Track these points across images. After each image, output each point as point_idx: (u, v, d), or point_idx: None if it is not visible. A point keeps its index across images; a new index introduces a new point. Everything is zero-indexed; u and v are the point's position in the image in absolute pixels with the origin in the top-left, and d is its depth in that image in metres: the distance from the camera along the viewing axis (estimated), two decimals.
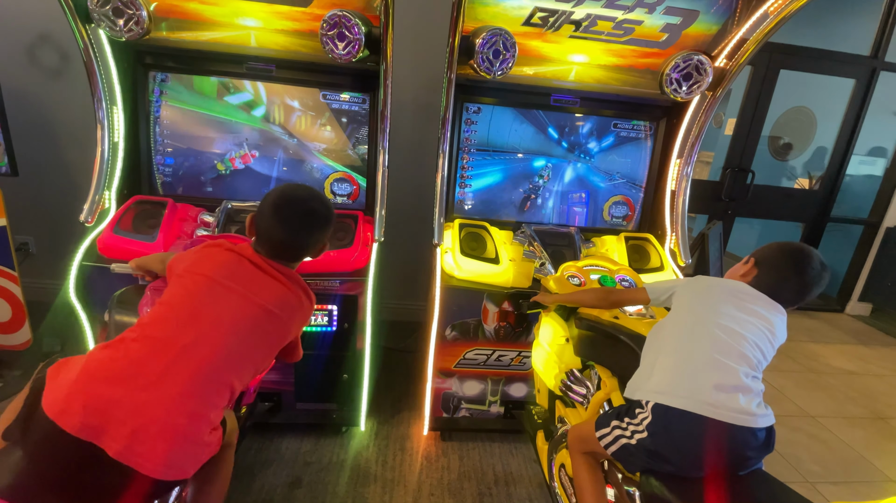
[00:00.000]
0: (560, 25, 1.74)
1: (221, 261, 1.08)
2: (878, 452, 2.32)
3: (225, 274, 1.05)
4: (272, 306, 1.07)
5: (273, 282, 1.09)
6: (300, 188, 1.18)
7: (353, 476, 1.81)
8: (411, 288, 2.95)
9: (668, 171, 2.10)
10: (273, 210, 1.11)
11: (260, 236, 1.14)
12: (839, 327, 3.96)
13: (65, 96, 2.52)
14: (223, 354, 0.97)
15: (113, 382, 0.87)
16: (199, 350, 0.94)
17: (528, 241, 1.97)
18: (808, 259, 1.18)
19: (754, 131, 3.75)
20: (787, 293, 1.19)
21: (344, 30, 1.61)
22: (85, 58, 1.68)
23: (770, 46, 3.41)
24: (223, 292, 1.03)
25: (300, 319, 1.18)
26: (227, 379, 0.98)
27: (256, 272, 1.08)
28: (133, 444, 0.84)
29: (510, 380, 2.00)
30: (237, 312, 1.02)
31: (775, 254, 1.23)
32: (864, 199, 4.24)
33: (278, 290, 1.09)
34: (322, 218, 1.17)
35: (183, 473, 0.91)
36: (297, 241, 1.14)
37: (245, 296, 1.04)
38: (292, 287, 1.13)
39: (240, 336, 1.01)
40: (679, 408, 1.04)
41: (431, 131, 2.00)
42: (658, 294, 1.34)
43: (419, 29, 2.48)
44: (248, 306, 1.03)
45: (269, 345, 1.10)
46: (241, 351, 1.01)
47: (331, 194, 2.04)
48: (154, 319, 0.98)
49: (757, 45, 1.76)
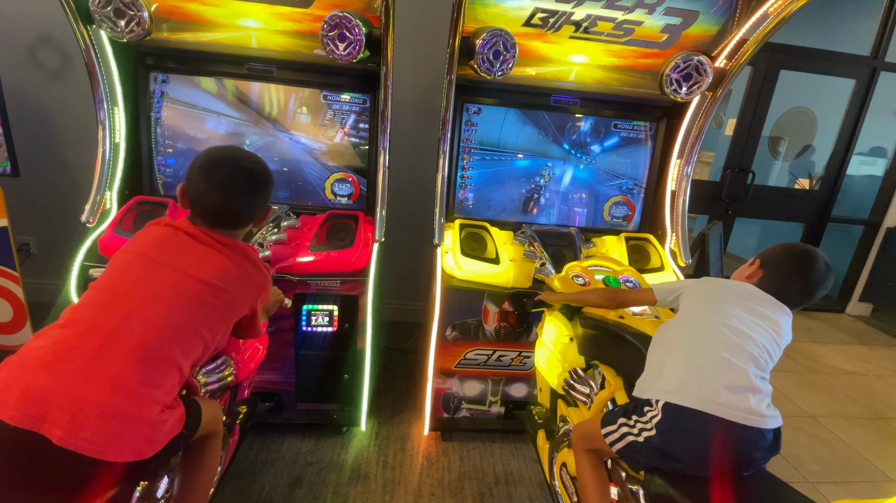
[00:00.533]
0: (560, 26, 1.74)
1: (153, 238, 1.03)
2: (879, 452, 2.32)
3: (156, 249, 1.00)
4: (213, 278, 1.01)
5: (213, 254, 1.03)
6: (228, 148, 1.12)
7: (354, 476, 1.81)
8: (412, 288, 2.95)
9: (669, 172, 2.10)
10: (202, 174, 1.04)
11: (193, 206, 1.06)
12: (840, 327, 3.96)
13: (66, 97, 2.52)
14: (160, 331, 0.93)
15: (45, 369, 0.85)
16: (131, 328, 0.91)
17: (529, 241, 1.98)
18: (813, 260, 1.18)
19: (754, 131, 3.75)
20: (793, 294, 1.20)
21: (345, 30, 1.61)
22: (86, 59, 1.68)
23: (770, 47, 3.41)
24: (155, 268, 0.98)
25: (251, 292, 1.10)
26: (170, 355, 0.94)
27: (193, 244, 1.02)
28: (75, 429, 0.82)
29: (511, 381, 2.00)
30: (172, 287, 0.97)
31: (780, 255, 1.23)
32: (864, 199, 4.24)
33: (219, 262, 1.03)
34: (258, 178, 1.10)
35: (138, 453, 0.88)
36: (234, 205, 1.07)
37: (180, 270, 0.99)
38: (235, 257, 1.06)
39: (177, 311, 0.96)
40: (690, 408, 1.04)
41: (432, 132, 2.00)
42: (665, 295, 1.34)
43: (420, 30, 2.49)
44: (185, 279, 0.98)
45: (216, 319, 1.04)
46: (182, 326, 0.96)
47: (331, 194, 2.04)
48: (81, 304, 0.95)
49: (757, 45, 1.76)
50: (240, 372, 1.48)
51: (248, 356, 1.55)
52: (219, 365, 1.42)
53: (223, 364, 1.43)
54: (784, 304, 1.20)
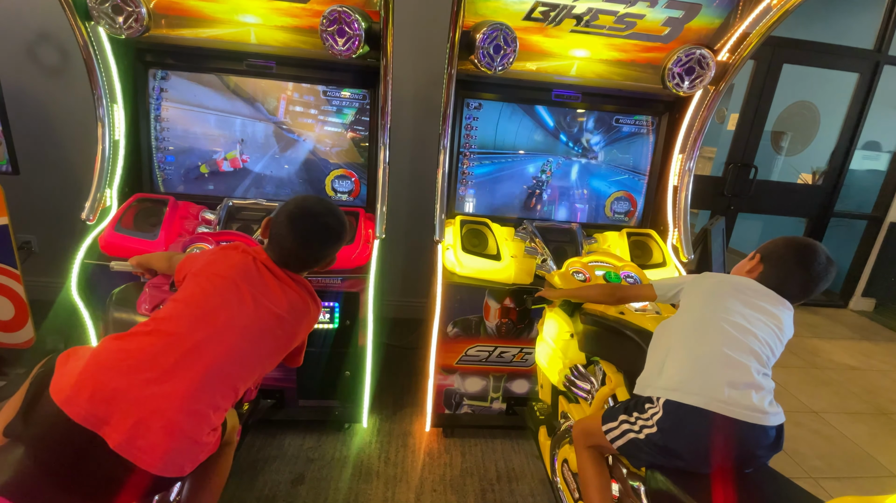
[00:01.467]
0: (561, 20, 1.73)
1: (237, 264, 1.09)
2: (881, 448, 2.31)
3: (241, 276, 1.07)
4: (283, 311, 1.08)
5: (284, 288, 1.12)
6: (319, 202, 1.20)
7: (356, 472, 1.81)
8: (413, 285, 2.95)
9: (671, 167, 2.09)
10: (288, 219, 1.13)
11: (272, 242, 1.16)
12: (842, 323, 3.95)
13: (65, 94, 2.52)
14: (233, 356, 0.98)
15: (122, 373, 0.88)
16: (210, 349, 0.95)
17: (530, 237, 1.97)
18: (814, 253, 1.17)
19: (757, 126, 3.73)
20: (793, 288, 1.19)
21: (344, 25, 1.60)
22: (85, 56, 1.68)
23: (773, 40, 3.38)
24: (238, 295, 1.04)
25: (307, 324, 1.20)
26: (234, 381, 0.99)
27: (270, 277, 1.10)
28: (134, 437, 0.84)
29: (512, 377, 1.99)
30: (250, 316, 1.03)
31: (781, 249, 1.22)
32: (867, 194, 4.22)
33: (289, 296, 1.12)
34: (335, 234, 1.19)
35: (179, 471, 0.92)
36: (307, 253, 1.16)
37: (258, 301, 1.05)
38: (301, 293, 1.16)
39: (250, 339, 1.02)
40: (692, 405, 1.03)
41: (432, 127, 1.99)
42: (665, 291, 1.33)
43: (419, 24, 2.47)
44: (261, 310, 1.05)
45: (277, 349, 1.12)
46: (251, 354, 1.02)
47: (331, 191, 2.03)
48: (169, 315, 0.99)
49: (760, 38, 1.74)
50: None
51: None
52: None
53: None
54: (785, 299, 1.19)
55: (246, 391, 1.58)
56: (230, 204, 1.84)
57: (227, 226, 1.79)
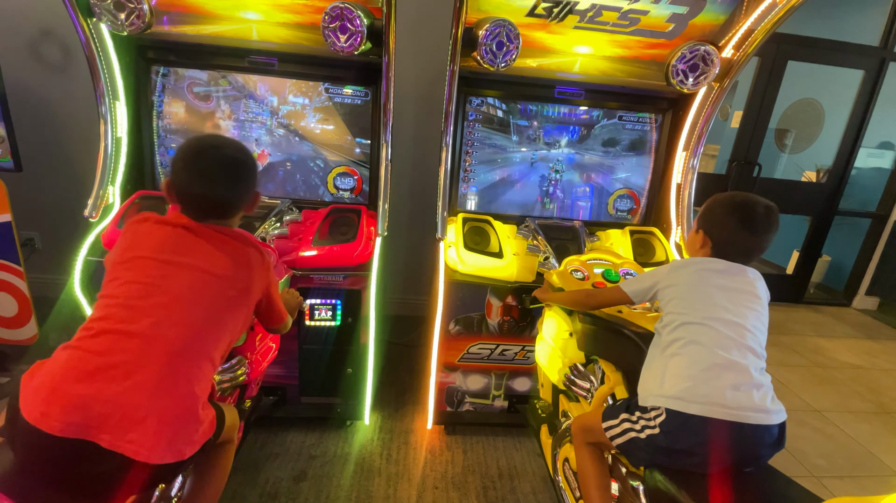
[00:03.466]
0: (564, 16, 1.72)
1: (159, 239, 1.01)
2: (885, 447, 2.30)
3: (167, 250, 0.99)
4: (224, 271, 1.01)
5: (217, 246, 1.03)
6: (209, 136, 1.09)
7: (358, 470, 1.82)
8: (415, 282, 2.95)
9: (674, 164, 2.08)
10: (185, 165, 1.03)
11: (181, 199, 1.05)
12: (846, 321, 3.93)
13: (68, 91, 2.52)
14: (191, 329, 0.94)
15: (83, 379, 0.85)
16: (164, 331, 0.91)
17: (532, 235, 1.96)
18: (750, 208, 1.14)
19: (761, 124, 3.71)
20: (745, 251, 1.18)
21: (346, 22, 1.60)
22: (87, 52, 1.68)
23: (778, 37, 3.35)
24: (173, 270, 0.98)
25: (260, 275, 1.09)
26: (204, 350, 0.95)
27: (194, 238, 1.02)
28: (125, 432, 0.84)
29: (514, 375, 1.99)
30: (191, 285, 0.97)
31: (717, 215, 1.19)
32: (872, 192, 4.19)
33: (225, 251, 1.03)
34: (240, 164, 1.08)
35: (179, 455, 0.90)
36: (220, 194, 1.05)
37: (195, 267, 0.99)
38: (236, 243, 1.06)
39: (203, 307, 0.97)
40: (696, 415, 1.02)
41: (434, 125, 1.99)
42: (638, 293, 1.29)
43: (421, 21, 2.46)
44: (202, 276, 0.99)
45: (236, 308, 1.04)
46: (209, 321, 0.97)
47: (334, 188, 2.03)
48: (106, 314, 0.94)
49: (765, 35, 1.73)
50: (252, 371, 1.49)
51: (262, 355, 1.55)
52: (233, 364, 1.42)
53: (237, 364, 1.43)
54: (747, 266, 1.18)
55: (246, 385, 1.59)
56: None
57: None
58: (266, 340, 1.59)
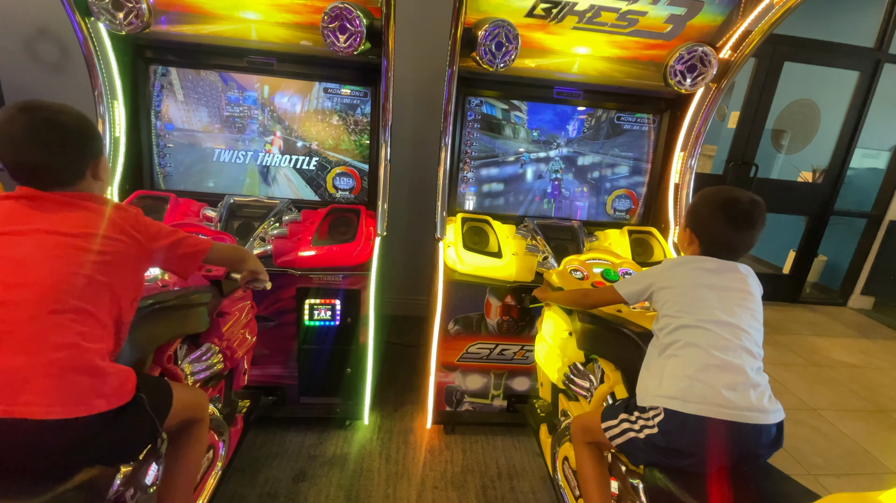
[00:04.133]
0: (563, 17, 1.73)
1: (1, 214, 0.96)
2: (880, 445, 2.32)
3: (7, 222, 0.94)
4: (78, 229, 0.96)
5: (62, 209, 0.97)
6: (24, 101, 1.01)
7: (357, 469, 1.82)
8: (414, 282, 2.95)
9: (672, 165, 2.09)
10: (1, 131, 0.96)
11: (8, 169, 0.98)
12: (841, 320, 3.96)
13: (65, 91, 2.51)
14: (51, 287, 0.89)
15: None
16: (18, 294, 0.87)
17: (531, 234, 1.97)
18: (733, 204, 1.14)
19: (758, 124, 3.73)
20: (731, 249, 1.18)
21: (345, 22, 1.60)
22: (85, 52, 1.67)
23: (774, 38, 3.38)
24: (14, 238, 0.93)
25: (126, 229, 1.02)
26: (76, 305, 0.90)
27: (38, 207, 0.96)
28: (15, 397, 0.80)
29: (513, 374, 2.00)
30: (40, 246, 0.92)
31: (702, 213, 1.19)
32: (867, 192, 4.22)
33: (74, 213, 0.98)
34: (59, 125, 0.99)
35: (90, 407, 0.86)
36: (42, 159, 0.97)
37: (39, 230, 0.94)
38: (88, 204, 1.00)
39: (58, 265, 0.92)
40: (693, 415, 1.02)
41: (433, 125, 1.99)
42: (632, 293, 1.29)
43: (421, 21, 2.47)
44: (48, 237, 0.93)
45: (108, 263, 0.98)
46: (73, 278, 0.92)
47: (333, 188, 2.03)
48: None
49: (762, 36, 1.74)
50: (228, 360, 1.48)
51: (237, 344, 1.54)
52: (203, 352, 1.42)
53: (208, 352, 1.43)
54: (738, 263, 1.18)
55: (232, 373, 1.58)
56: (231, 201, 1.84)
57: (229, 223, 1.79)
58: (236, 328, 1.57)
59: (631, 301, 1.31)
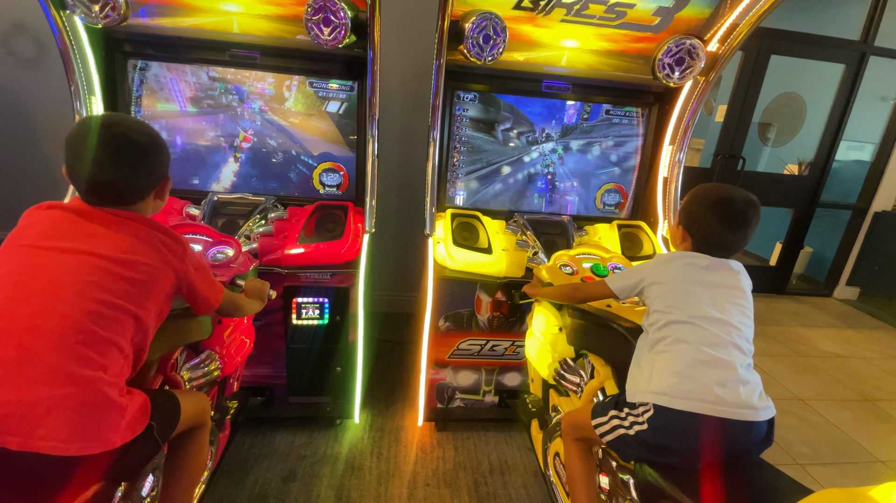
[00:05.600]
0: (551, 9, 1.71)
1: (43, 225, 0.95)
2: (866, 433, 2.36)
3: (50, 237, 0.93)
4: (118, 253, 0.94)
5: (111, 229, 0.96)
6: (103, 115, 1.01)
7: (348, 468, 1.80)
8: (404, 279, 2.94)
9: (661, 158, 2.09)
10: (70, 148, 0.96)
11: (74, 182, 0.98)
12: (827, 311, 4.02)
13: (42, 87, 2.44)
14: (77, 314, 0.87)
15: None
16: (46, 320, 0.85)
17: (521, 230, 1.96)
18: (729, 204, 1.14)
19: (745, 118, 3.75)
20: (724, 247, 1.18)
21: (329, 14, 1.56)
22: (60, 46, 1.62)
23: (761, 31, 3.40)
24: (51, 255, 0.91)
25: (169, 258, 1.02)
26: (99, 335, 0.88)
27: (87, 224, 0.95)
28: (31, 430, 0.78)
29: (504, 370, 1.99)
30: (76, 269, 0.90)
31: (697, 212, 1.19)
32: (852, 184, 4.28)
33: (122, 235, 0.96)
34: (133, 144, 0.98)
35: (106, 443, 0.85)
36: (111, 176, 0.97)
37: (80, 251, 0.92)
38: (139, 227, 0.99)
39: (89, 291, 0.89)
40: (683, 411, 1.02)
41: (421, 119, 1.97)
42: (623, 289, 1.29)
43: (407, 13, 2.43)
44: (88, 258, 0.92)
45: (139, 292, 0.96)
46: (102, 305, 0.90)
47: (319, 185, 2.00)
48: None
49: (749, 28, 1.73)
50: (226, 366, 1.46)
51: (235, 350, 1.52)
52: (203, 359, 1.40)
53: (207, 359, 1.41)
54: (729, 260, 1.19)
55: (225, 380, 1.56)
56: (215, 198, 1.80)
57: (213, 221, 1.75)
58: (237, 334, 1.55)
59: (622, 296, 1.31)
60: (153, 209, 1.07)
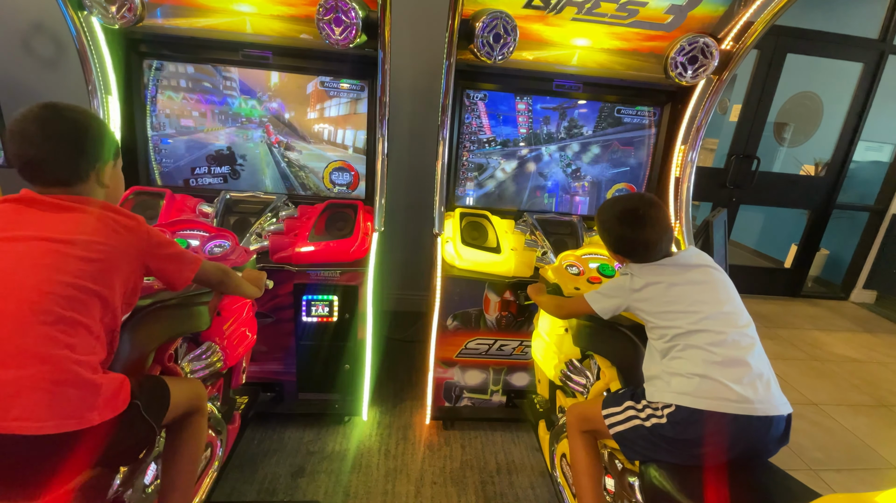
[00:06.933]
0: (562, 8, 1.70)
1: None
2: (882, 440, 2.31)
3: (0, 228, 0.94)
4: (70, 234, 0.94)
5: (61, 213, 0.95)
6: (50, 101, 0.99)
7: (356, 465, 1.81)
8: (413, 278, 2.94)
9: (673, 158, 2.07)
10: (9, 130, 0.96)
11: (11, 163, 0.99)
12: (844, 315, 3.94)
13: (60, 86, 2.49)
14: (36, 296, 0.87)
15: None
16: (4, 306, 0.85)
17: (530, 229, 1.95)
18: (632, 213, 1.23)
19: (760, 117, 3.69)
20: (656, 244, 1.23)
21: (340, 14, 1.58)
22: (78, 46, 1.65)
23: (777, 29, 3.34)
24: (2, 246, 0.91)
25: (127, 238, 1.01)
26: (64, 316, 0.88)
27: (34, 211, 0.95)
28: (5, 412, 0.79)
29: (512, 370, 1.99)
30: (28, 254, 0.90)
31: (613, 235, 1.27)
32: (870, 185, 4.19)
33: (70, 218, 0.96)
34: (61, 118, 0.97)
35: (82, 420, 0.85)
36: (37, 152, 0.95)
37: (31, 238, 0.92)
38: (86, 209, 0.98)
39: (45, 274, 0.89)
40: (706, 410, 1.03)
41: (431, 118, 1.97)
42: (605, 310, 1.28)
43: (417, 13, 2.44)
44: (39, 244, 0.91)
45: (100, 272, 0.96)
46: (62, 286, 0.90)
47: (330, 183, 2.02)
48: None
49: (764, 26, 1.71)
50: (228, 357, 1.47)
51: (236, 341, 1.54)
52: (203, 351, 1.41)
53: (208, 350, 1.42)
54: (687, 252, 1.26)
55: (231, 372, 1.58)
56: (228, 196, 1.83)
57: (225, 219, 1.78)
58: (237, 326, 1.56)
59: (604, 316, 1.30)
60: (104, 196, 1.05)
